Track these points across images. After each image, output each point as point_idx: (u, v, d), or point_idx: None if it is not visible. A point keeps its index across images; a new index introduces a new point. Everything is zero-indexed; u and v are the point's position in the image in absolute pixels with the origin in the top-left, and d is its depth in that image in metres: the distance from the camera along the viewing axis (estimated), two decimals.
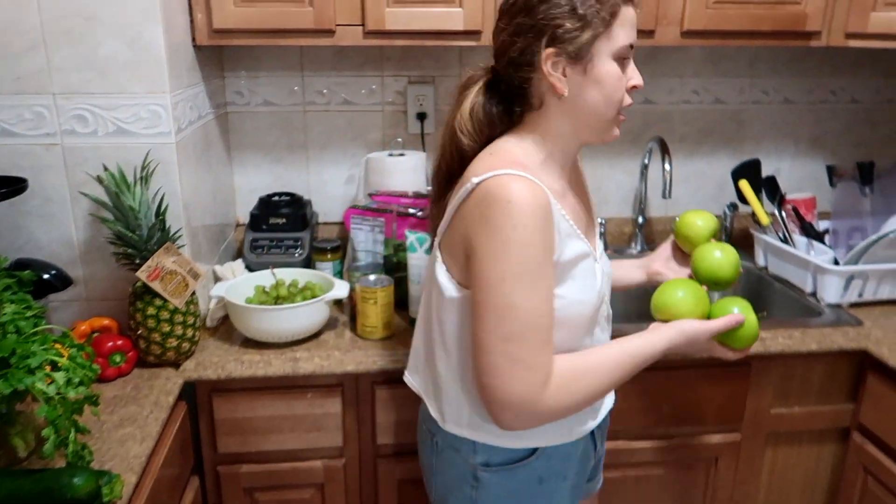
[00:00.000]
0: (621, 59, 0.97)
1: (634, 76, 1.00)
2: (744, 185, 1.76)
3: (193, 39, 1.50)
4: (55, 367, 1.00)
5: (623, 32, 0.95)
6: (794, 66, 1.98)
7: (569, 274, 0.98)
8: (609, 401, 1.17)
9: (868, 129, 2.07)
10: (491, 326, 0.89)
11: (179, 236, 1.37)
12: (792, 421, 1.55)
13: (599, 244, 1.14)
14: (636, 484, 1.53)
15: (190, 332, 1.33)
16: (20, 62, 1.28)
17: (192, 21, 1.48)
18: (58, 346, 1.04)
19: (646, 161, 1.92)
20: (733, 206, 1.94)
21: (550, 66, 0.95)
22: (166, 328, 1.29)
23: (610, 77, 0.96)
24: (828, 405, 1.55)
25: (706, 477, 1.56)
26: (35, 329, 1.01)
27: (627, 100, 1.00)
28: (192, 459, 1.38)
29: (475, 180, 0.91)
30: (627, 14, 0.96)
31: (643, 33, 1.56)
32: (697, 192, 2.05)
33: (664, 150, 1.74)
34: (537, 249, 0.89)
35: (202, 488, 1.42)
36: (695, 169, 2.03)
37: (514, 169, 0.91)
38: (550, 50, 0.94)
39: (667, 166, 1.72)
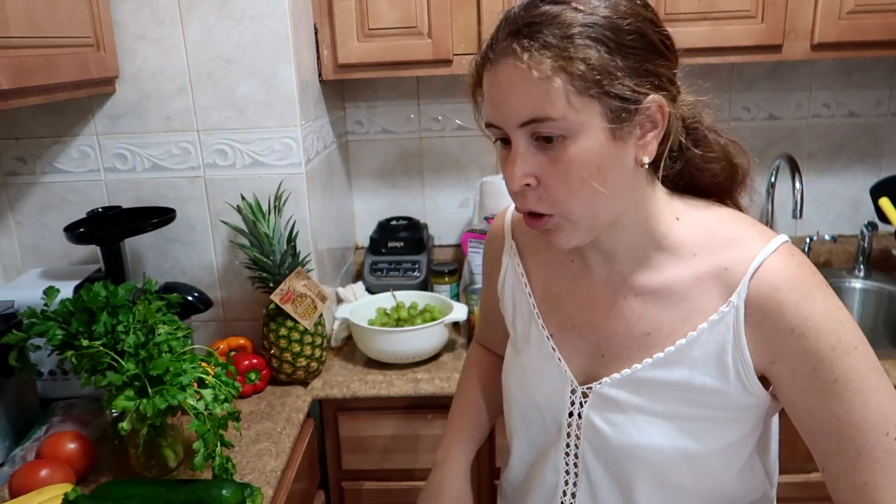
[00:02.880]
0: (497, 139, 0.73)
1: (507, 168, 0.70)
2: (885, 203, 1.64)
3: (320, 75, 1.59)
4: (202, 384, 1.08)
5: (485, 107, 0.72)
6: None
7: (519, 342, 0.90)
8: None
9: None
10: None
11: (308, 261, 1.44)
12: None
13: (611, 392, 0.78)
14: None
15: (318, 353, 1.40)
16: (170, 104, 1.40)
17: (318, 58, 1.57)
18: (204, 364, 1.12)
19: (772, 179, 1.83)
20: (872, 226, 1.81)
21: None
22: (297, 348, 1.36)
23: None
24: None
25: None
26: (185, 348, 1.10)
27: (510, 187, 0.71)
28: (318, 475, 1.44)
29: None
30: (487, 82, 0.71)
31: (769, 49, 1.51)
32: (829, 211, 1.93)
33: (794, 168, 1.66)
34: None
35: (327, 503, 1.48)
36: (825, 187, 1.91)
37: None
38: None
39: (797, 185, 1.63)
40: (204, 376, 1.07)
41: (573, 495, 0.83)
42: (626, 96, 0.66)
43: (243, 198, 1.41)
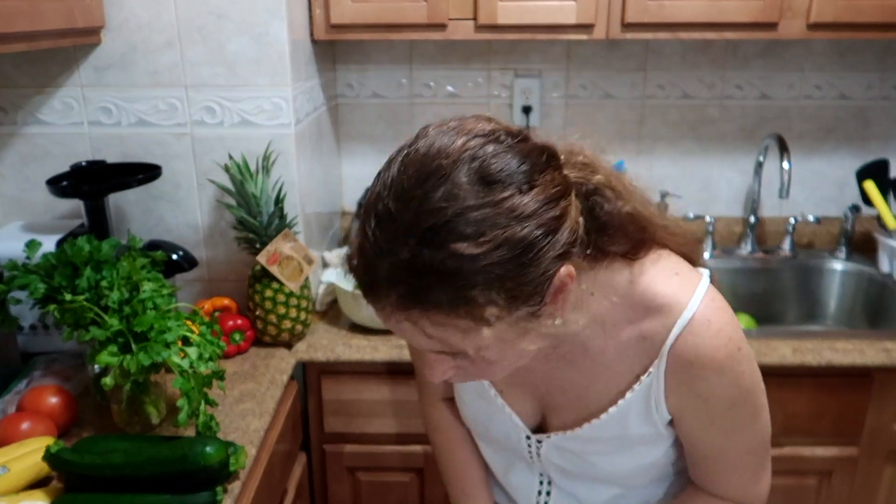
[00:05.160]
0: None
1: (425, 366, 0.73)
2: (869, 185, 1.66)
3: (311, 34, 1.56)
4: (186, 342, 1.07)
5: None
6: None
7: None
8: None
9: None
10: None
11: (296, 223, 1.43)
12: None
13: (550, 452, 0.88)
14: None
15: (303, 315, 1.39)
16: (157, 57, 1.37)
17: (310, 17, 1.54)
18: (188, 322, 1.11)
19: (761, 159, 1.83)
20: (855, 209, 1.83)
21: None
22: (282, 310, 1.35)
23: None
24: None
25: (818, 491, 1.48)
26: (169, 306, 1.09)
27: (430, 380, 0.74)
28: (300, 436, 1.44)
29: None
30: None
31: (765, 26, 1.50)
32: (815, 192, 1.94)
33: (783, 148, 1.66)
34: None
35: (309, 464, 1.49)
36: (812, 168, 1.92)
37: None
38: None
39: (785, 165, 1.64)
40: (189, 335, 1.07)
41: (548, 493, 0.94)
42: (533, 295, 0.63)
43: (231, 157, 1.38)
